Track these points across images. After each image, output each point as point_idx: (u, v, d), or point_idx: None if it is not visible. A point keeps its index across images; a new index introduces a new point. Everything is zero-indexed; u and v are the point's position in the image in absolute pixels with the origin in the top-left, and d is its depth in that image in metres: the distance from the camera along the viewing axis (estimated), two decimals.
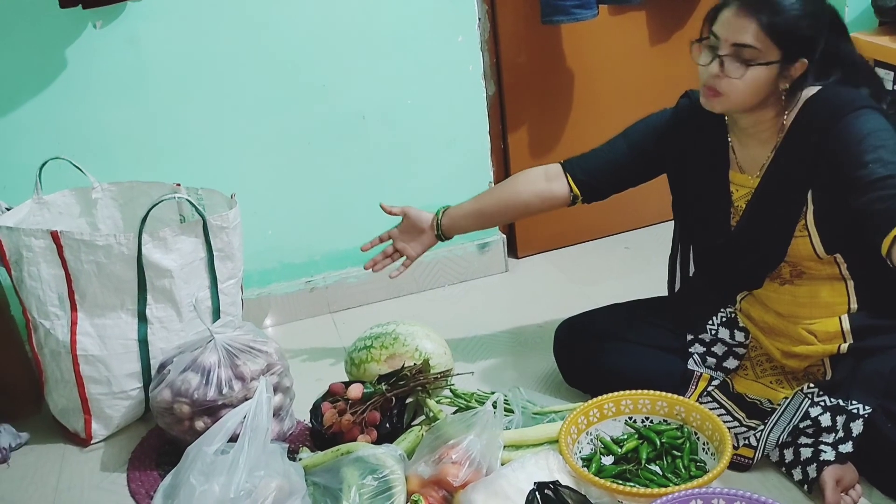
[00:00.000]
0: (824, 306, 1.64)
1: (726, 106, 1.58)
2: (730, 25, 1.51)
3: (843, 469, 1.50)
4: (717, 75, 1.53)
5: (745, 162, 1.68)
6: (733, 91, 1.54)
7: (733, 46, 1.51)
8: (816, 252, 1.59)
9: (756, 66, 1.51)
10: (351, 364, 1.95)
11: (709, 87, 1.56)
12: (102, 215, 2.05)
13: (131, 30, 2.05)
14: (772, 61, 1.51)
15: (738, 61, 1.51)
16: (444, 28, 2.30)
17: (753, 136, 1.64)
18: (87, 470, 1.84)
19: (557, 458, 1.54)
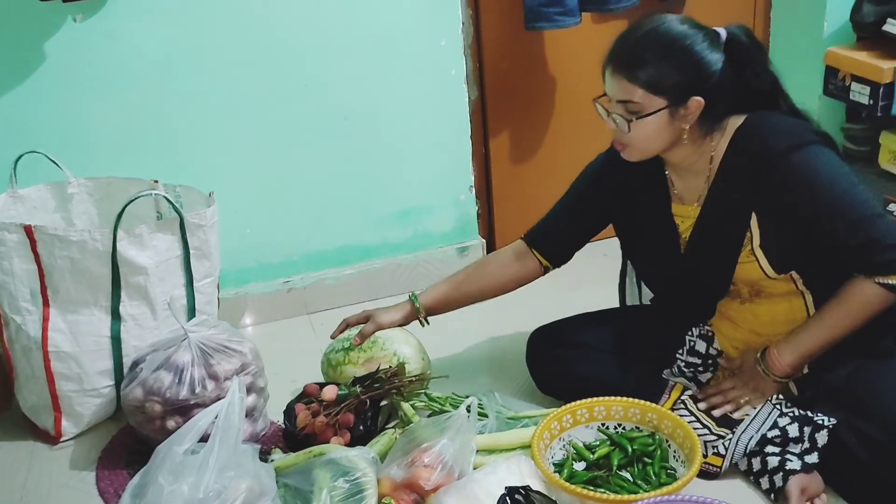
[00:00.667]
0: (784, 322, 1.66)
1: (636, 156, 1.62)
2: (610, 85, 1.57)
3: (809, 478, 1.51)
4: (613, 130, 1.60)
5: (684, 193, 1.70)
6: (634, 142, 1.59)
7: (618, 103, 1.56)
8: (766, 274, 1.61)
9: (643, 118, 1.54)
10: (328, 365, 1.94)
11: (615, 141, 1.62)
12: (78, 210, 2.03)
13: (112, 24, 2.04)
14: (658, 109, 1.54)
15: (625, 116, 1.56)
16: (427, 32, 2.30)
17: (686, 168, 1.67)
18: (56, 468, 1.82)
19: (529, 463, 1.54)
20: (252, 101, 2.22)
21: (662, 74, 1.52)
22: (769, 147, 1.54)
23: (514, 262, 1.88)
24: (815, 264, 1.59)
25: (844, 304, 1.57)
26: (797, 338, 1.63)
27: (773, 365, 1.64)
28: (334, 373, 1.92)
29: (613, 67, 1.56)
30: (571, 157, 2.64)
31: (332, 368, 1.93)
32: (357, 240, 2.45)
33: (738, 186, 1.59)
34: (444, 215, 2.51)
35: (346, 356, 1.90)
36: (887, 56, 2.30)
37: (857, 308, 1.56)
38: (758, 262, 1.60)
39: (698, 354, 1.79)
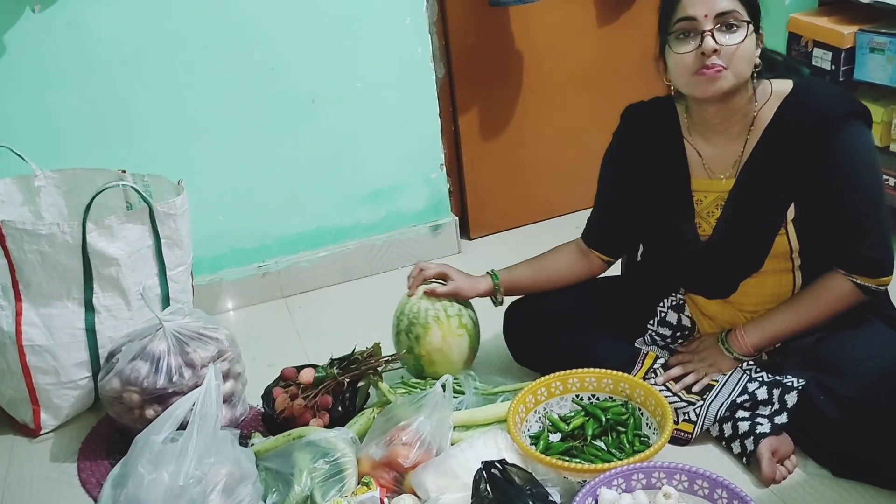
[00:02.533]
0: (770, 296, 1.68)
1: (732, 80, 1.50)
2: (701, 1, 1.48)
3: (779, 440, 1.55)
4: (714, 50, 1.47)
5: (714, 163, 1.63)
6: (735, 60, 1.48)
7: (717, 17, 1.48)
8: (791, 248, 1.60)
9: (743, 28, 1.49)
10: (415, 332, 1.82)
11: (708, 67, 1.48)
12: (46, 203, 2.02)
13: (72, 13, 2.01)
14: (750, 22, 1.50)
15: (727, 30, 1.48)
16: (391, 10, 2.30)
17: (723, 132, 1.61)
18: (37, 461, 1.83)
19: (505, 437, 1.57)
20: (218, 85, 2.20)
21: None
22: (831, 112, 1.51)
23: (583, 258, 1.85)
24: (819, 246, 1.60)
25: (818, 296, 1.60)
26: (765, 320, 1.65)
27: (735, 344, 1.67)
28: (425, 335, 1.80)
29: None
30: (540, 131, 2.68)
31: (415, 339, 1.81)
32: (330, 222, 2.45)
33: (788, 152, 1.55)
34: (416, 194, 2.52)
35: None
36: (848, 21, 2.32)
37: (829, 301, 1.59)
38: (787, 236, 1.59)
39: (669, 325, 1.81)
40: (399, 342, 1.85)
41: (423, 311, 1.80)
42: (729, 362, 1.69)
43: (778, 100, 1.58)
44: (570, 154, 2.71)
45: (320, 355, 1.94)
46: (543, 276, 1.87)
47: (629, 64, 2.63)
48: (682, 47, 1.52)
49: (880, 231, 1.55)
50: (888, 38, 2.19)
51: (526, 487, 1.39)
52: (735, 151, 1.61)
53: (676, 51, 1.52)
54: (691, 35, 1.51)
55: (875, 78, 2.25)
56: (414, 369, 1.86)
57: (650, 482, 1.44)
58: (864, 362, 1.52)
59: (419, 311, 1.81)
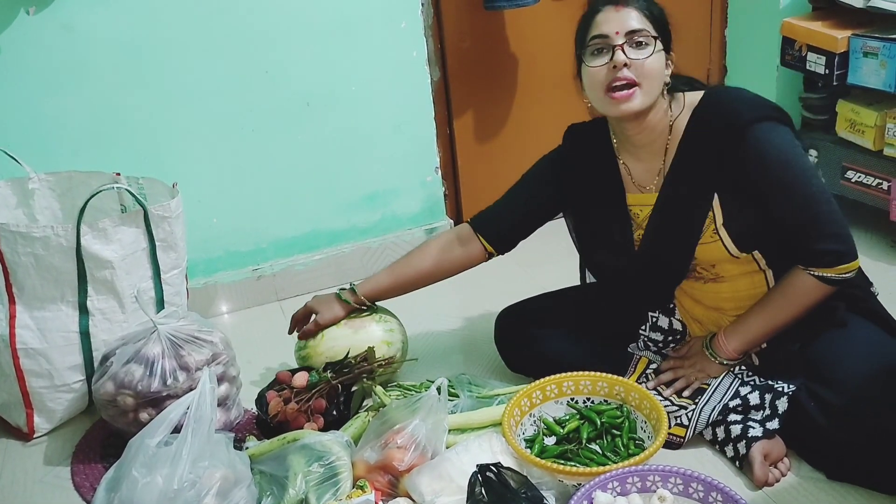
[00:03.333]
0: (747, 298, 1.69)
1: (642, 99, 1.55)
2: (614, 19, 1.55)
3: (771, 444, 1.56)
4: (625, 64, 1.53)
5: (641, 178, 1.69)
6: (644, 75, 1.54)
7: (627, 34, 1.54)
8: (730, 253, 1.62)
9: (651, 45, 1.55)
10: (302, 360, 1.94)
11: (621, 85, 1.54)
12: (40, 206, 2.02)
13: (67, 16, 2.01)
14: (658, 38, 1.56)
15: (636, 46, 1.55)
16: (387, 14, 2.30)
17: (645, 146, 1.65)
18: (31, 464, 1.82)
19: (501, 440, 1.57)
20: (213, 88, 2.20)
21: (661, 16, 1.59)
22: (737, 118, 1.54)
23: (458, 247, 1.86)
24: (775, 243, 1.61)
25: (785, 294, 1.61)
26: (742, 325, 1.67)
27: (719, 349, 1.68)
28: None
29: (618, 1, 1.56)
30: (535, 134, 2.68)
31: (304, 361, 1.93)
32: (325, 225, 2.45)
33: (701, 161, 1.59)
34: (411, 197, 2.52)
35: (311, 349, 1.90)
36: (842, 26, 2.33)
37: (797, 298, 1.59)
38: (721, 242, 1.61)
39: (661, 330, 1.82)
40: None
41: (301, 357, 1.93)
42: (716, 367, 1.70)
43: (690, 110, 1.62)
44: None
45: None
46: (406, 273, 1.88)
47: None
48: (594, 61, 1.58)
49: (824, 222, 1.53)
50: (881, 43, 2.20)
51: (521, 491, 1.39)
52: (657, 164, 1.66)
53: (590, 64, 1.58)
54: (604, 51, 1.56)
55: (868, 82, 2.26)
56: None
57: (645, 485, 1.44)
58: (849, 367, 1.52)
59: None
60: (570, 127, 1.81)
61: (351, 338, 1.87)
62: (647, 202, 1.69)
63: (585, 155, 1.75)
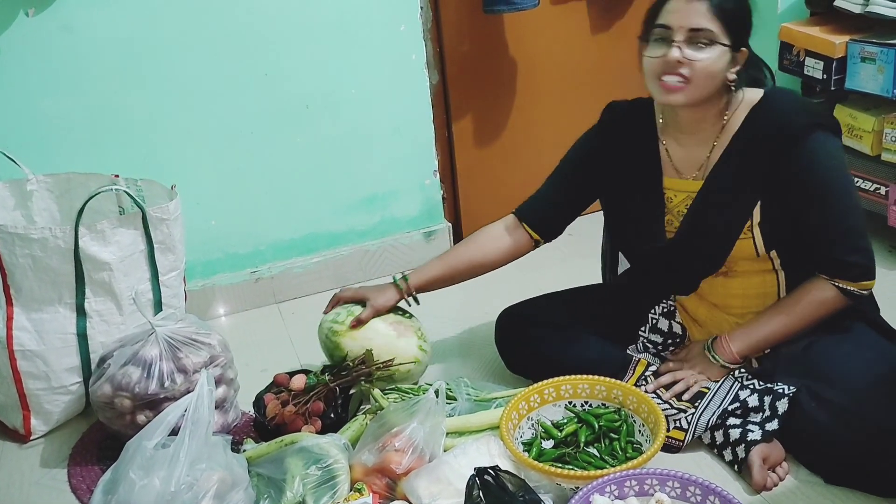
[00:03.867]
0: (756, 296, 1.70)
1: (690, 95, 1.56)
2: (681, 12, 1.53)
3: (770, 447, 1.56)
4: (678, 62, 1.53)
5: (682, 163, 1.68)
6: (696, 76, 1.53)
7: (689, 32, 1.53)
8: (757, 251, 1.63)
9: (713, 47, 1.53)
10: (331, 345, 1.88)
11: (670, 78, 1.54)
12: (38, 207, 2.01)
13: (66, 17, 2.01)
14: (725, 44, 1.54)
15: (695, 45, 1.53)
16: (386, 17, 2.30)
17: (693, 134, 1.65)
18: (27, 466, 1.81)
19: (498, 444, 1.57)
20: (212, 90, 2.20)
21: (737, 14, 1.54)
22: (794, 123, 1.55)
23: (505, 236, 1.87)
24: (798, 247, 1.62)
25: (801, 302, 1.62)
26: (750, 327, 1.67)
27: (721, 351, 1.68)
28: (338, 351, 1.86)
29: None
30: (534, 137, 2.68)
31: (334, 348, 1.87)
32: (323, 227, 2.45)
33: (753, 160, 1.58)
34: (410, 200, 2.52)
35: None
36: (840, 31, 2.34)
37: (812, 307, 1.61)
38: (752, 240, 1.62)
39: (660, 332, 1.82)
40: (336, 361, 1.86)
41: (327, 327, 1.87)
42: (717, 370, 1.70)
43: (747, 108, 1.62)
44: None
45: (313, 361, 1.95)
46: (456, 264, 1.88)
47: (622, 71, 2.64)
48: (652, 51, 1.57)
49: (855, 236, 1.57)
50: (879, 48, 2.21)
51: (519, 494, 1.39)
52: (702, 154, 1.66)
53: (647, 54, 1.58)
54: (663, 42, 1.55)
55: (866, 87, 2.26)
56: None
57: (643, 489, 1.44)
58: (853, 369, 1.53)
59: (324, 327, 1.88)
60: (609, 104, 1.79)
61: (392, 340, 1.83)
62: (684, 188, 1.68)
63: (624, 133, 1.73)
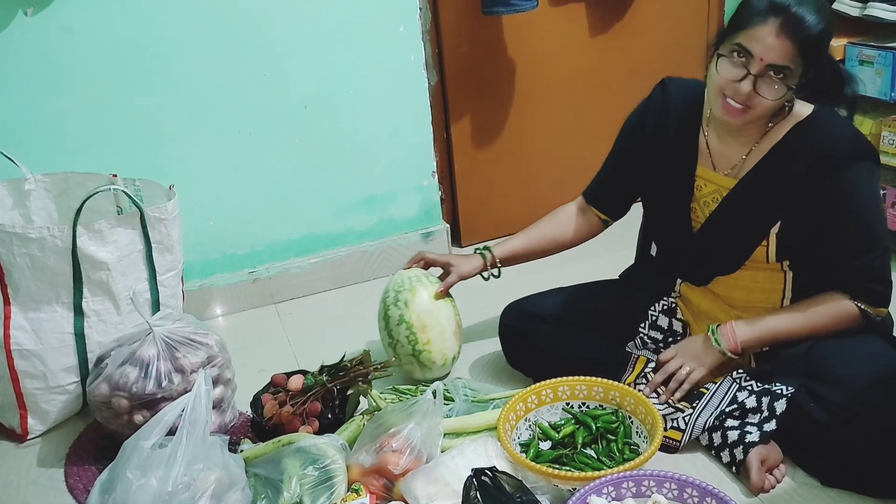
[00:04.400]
0: (762, 291, 1.70)
1: (747, 119, 1.56)
2: (767, 45, 1.47)
3: (768, 449, 1.56)
4: (749, 94, 1.50)
5: (719, 157, 1.68)
6: (761, 107, 1.52)
7: (768, 66, 1.48)
8: (768, 258, 1.64)
9: (786, 84, 1.50)
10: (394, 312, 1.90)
11: (734, 102, 1.53)
12: (36, 207, 2.01)
13: (65, 17, 2.01)
14: (799, 76, 1.51)
15: (771, 80, 1.49)
16: (385, 18, 2.30)
17: (736, 135, 1.64)
18: (24, 466, 1.81)
19: (496, 445, 1.57)
20: (211, 91, 2.20)
21: (822, 43, 1.48)
22: (837, 150, 1.53)
23: (580, 216, 1.93)
24: (808, 259, 1.63)
25: (818, 311, 1.62)
26: (760, 320, 1.66)
27: (724, 336, 1.67)
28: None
29: (783, 27, 1.45)
30: (532, 139, 2.69)
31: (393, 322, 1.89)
32: (321, 228, 2.45)
33: (788, 173, 1.58)
34: (408, 201, 2.52)
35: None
36: (838, 34, 2.32)
37: (828, 318, 1.61)
38: (767, 247, 1.63)
39: (660, 329, 1.82)
40: (388, 319, 1.89)
41: (406, 278, 1.91)
42: (714, 355, 1.68)
43: (794, 121, 1.60)
44: (562, 162, 2.72)
45: (310, 362, 1.94)
46: (539, 240, 1.95)
47: (621, 73, 2.65)
48: (724, 69, 1.53)
49: (881, 264, 1.59)
50: (877, 52, 2.22)
51: (516, 495, 1.39)
52: (739, 154, 1.66)
53: (719, 68, 1.54)
54: (739, 66, 1.51)
55: (864, 90, 2.26)
56: (407, 346, 1.87)
57: (640, 490, 1.44)
58: (854, 369, 1.53)
59: (402, 279, 1.91)
60: (663, 80, 1.78)
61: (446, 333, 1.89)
62: (715, 181, 1.69)
63: (671, 111, 1.72)
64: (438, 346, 1.88)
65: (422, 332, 1.86)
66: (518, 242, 1.95)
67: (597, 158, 1.93)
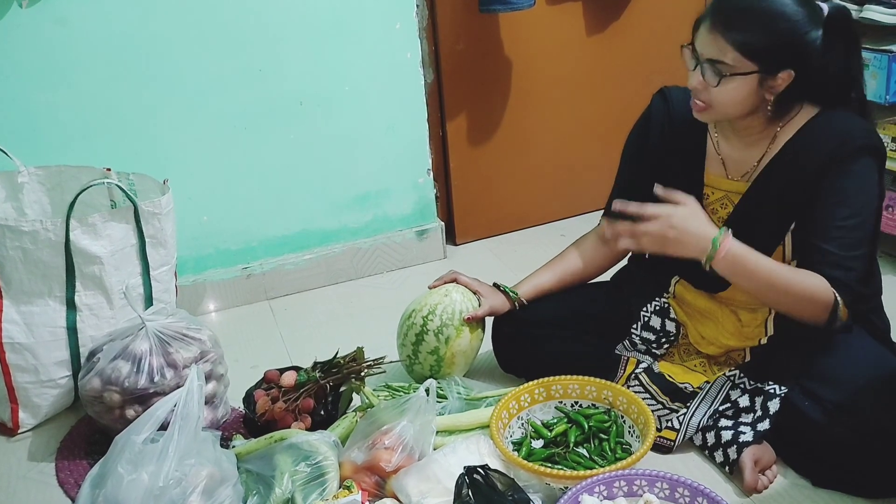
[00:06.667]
0: None
1: (712, 117, 1.58)
2: (704, 41, 1.51)
3: (762, 450, 1.56)
4: (699, 85, 1.53)
5: (731, 162, 1.66)
6: (716, 102, 1.53)
7: (707, 61, 1.51)
8: (785, 258, 1.62)
9: (732, 78, 1.50)
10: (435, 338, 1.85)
11: (694, 99, 1.56)
12: (29, 200, 2.00)
13: (59, 9, 2.00)
14: (747, 72, 1.50)
15: (714, 73, 1.52)
16: (381, 15, 2.30)
17: (743, 137, 1.63)
18: (14, 460, 1.81)
19: (488, 443, 1.57)
20: (206, 85, 2.20)
21: (760, 41, 1.48)
22: (848, 144, 1.52)
23: (601, 245, 1.87)
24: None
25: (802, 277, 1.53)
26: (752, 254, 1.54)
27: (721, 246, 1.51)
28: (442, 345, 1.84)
29: (712, 24, 1.50)
30: (528, 138, 2.69)
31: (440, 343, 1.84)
32: (316, 225, 2.45)
33: (799, 173, 1.56)
34: (403, 199, 2.52)
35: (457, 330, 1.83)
36: None
37: (805, 289, 1.51)
38: (783, 248, 1.61)
39: (653, 330, 1.82)
40: (422, 342, 1.84)
41: (458, 313, 1.84)
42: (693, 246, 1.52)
43: (803, 120, 1.59)
44: (558, 161, 2.72)
45: (303, 358, 1.94)
46: (565, 277, 1.90)
47: (617, 72, 2.65)
48: (687, 62, 1.57)
49: (859, 267, 1.54)
50: (872, 54, 2.22)
51: (508, 493, 1.39)
52: (752, 158, 1.64)
53: (685, 63, 1.58)
54: (692, 60, 1.55)
55: None
56: (426, 369, 1.86)
57: (632, 489, 1.44)
58: (850, 370, 1.53)
59: (453, 312, 1.84)
60: (661, 89, 1.77)
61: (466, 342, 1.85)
62: (724, 187, 1.67)
63: (674, 118, 1.71)
64: (455, 372, 1.88)
65: (448, 366, 1.85)
66: (544, 282, 1.90)
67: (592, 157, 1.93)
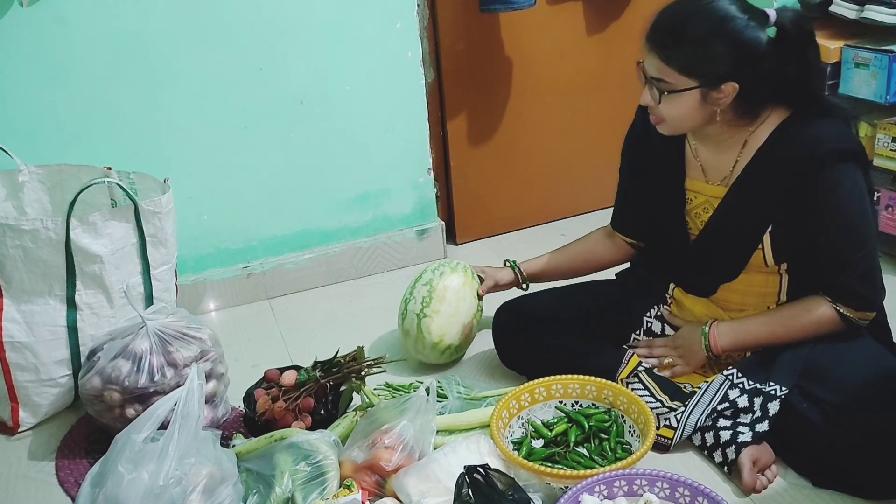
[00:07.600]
0: (756, 294, 1.70)
1: (669, 130, 1.63)
2: (647, 60, 1.57)
3: (760, 450, 1.57)
4: (650, 101, 1.59)
5: (710, 168, 1.69)
6: (667, 117, 1.59)
7: (651, 79, 1.57)
8: (766, 262, 1.64)
9: (673, 94, 1.54)
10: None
11: (650, 113, 1.62)
12: (30, 199, 2.00)
13: (60, 8, 2.00)
14: (688, 88, 1.53)
15: (657, 90, 1.56)
16: (382, 14, 2.30)
17: (717, 143, 1.66)
18: (15, 459, 1.81)
19: (488, 442, 1.57)
20: (206, 85, 2.19)
21: (698, 57, 1.51)
22: (819, 149, 1.53)
23: (609, 240, 1.94)
24: (805, 261, 1.63)
25: (798, 315, 1.62)
26: (741, 325, 1.68)
27: (711, 338, 1.70)
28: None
29: (650, 44, 1.55)
30: (528, 137, 2.69)
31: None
32: (316, 224, 2.45)
33: (774, 176, 1.58)
34: (403, 198, 2.52)
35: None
36: (834, 36, 2.35)
37: (808, 323, 1.61)
38: (762, 251, 1.63)
39: (654, 335, 1.83)
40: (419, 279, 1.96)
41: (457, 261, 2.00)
42: (700, 356, 1.71)
43: (773, 124, 1.60)
44: (558, 161, 2.72)
45: (304, 357, 1.94)
46: (568, 259, 1.97)
47: (618, 72, 2.65)
48: (640, 79, 1.61)
49: (866, 267, 1.58)
50: (873, 54, 2.22)
51: (508, 493, 1.39)
52: (727, 163, 1.66)
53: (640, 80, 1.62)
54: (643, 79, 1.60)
55: (859, 93, 2.27)
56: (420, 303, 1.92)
57: (632, 489, 1.44)
58: (849, 371, 1.54)
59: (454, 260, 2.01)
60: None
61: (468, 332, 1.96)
62: (705, 192, 1.70)
63: (652, 132, 1.72)
64: (443, 323, 1.90)
65: (438, 301, 1.90)
66: (553, 258, 1.98)
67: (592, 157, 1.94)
